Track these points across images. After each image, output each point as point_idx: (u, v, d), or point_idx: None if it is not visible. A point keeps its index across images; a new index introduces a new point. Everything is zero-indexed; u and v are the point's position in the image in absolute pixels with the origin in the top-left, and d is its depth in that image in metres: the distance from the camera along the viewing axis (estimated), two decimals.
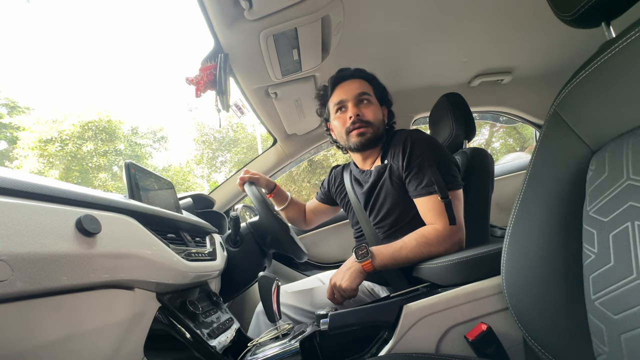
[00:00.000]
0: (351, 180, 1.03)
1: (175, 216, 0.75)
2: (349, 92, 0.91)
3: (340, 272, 0.79)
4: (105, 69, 26.35)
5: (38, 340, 0.35)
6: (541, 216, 0.50)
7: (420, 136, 0.85)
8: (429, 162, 0.80)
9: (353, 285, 0.75)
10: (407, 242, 0.77)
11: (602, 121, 0.42)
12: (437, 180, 0.78)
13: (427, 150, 0.82)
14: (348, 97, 0.91)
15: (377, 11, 0.98)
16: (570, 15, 0.45)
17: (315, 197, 1.27)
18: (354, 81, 0.93)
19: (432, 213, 0.78)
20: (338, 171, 1.15)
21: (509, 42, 1.30)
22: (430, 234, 0.76)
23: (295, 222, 1.28)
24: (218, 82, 0.94)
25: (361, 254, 0.77)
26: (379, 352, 0.62)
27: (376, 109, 0.93)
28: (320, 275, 1.18)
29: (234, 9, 0.81)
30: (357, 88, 0.91)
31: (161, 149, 12.75)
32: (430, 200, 0.78)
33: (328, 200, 1.21)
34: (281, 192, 1.21)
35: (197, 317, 0.67)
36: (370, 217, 0.94)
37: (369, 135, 0.90)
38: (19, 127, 9.63)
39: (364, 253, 0.77)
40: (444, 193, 0.77)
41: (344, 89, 0.92)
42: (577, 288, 0.45)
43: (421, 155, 0.81)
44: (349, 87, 0.92)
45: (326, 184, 1.20)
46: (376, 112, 0.92)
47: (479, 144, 10.44)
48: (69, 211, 0.41)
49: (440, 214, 0.77)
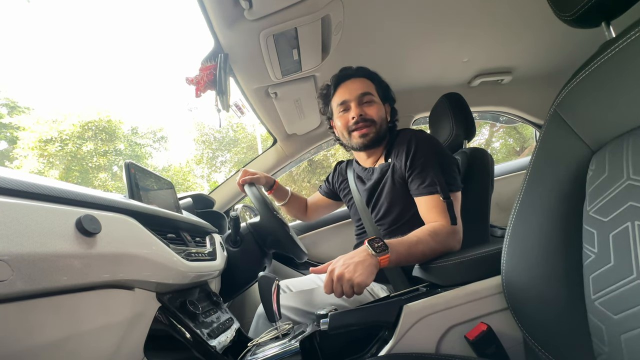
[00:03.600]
0: (354, 177, 1.04)
1: (175, 216, 0.75)
2: (351, 92, 0.91)
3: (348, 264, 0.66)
4: (106, 69, 26.39)
5: (38, 340, 0.35)
6: (541, 216, 0.50)
7: (425, 137, 0.86)
8: (432, 163, 0.81)
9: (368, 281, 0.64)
10: (422, 237, 0.73)
11: (602, 121, 0.42)
12: (439, 181, 0.78)
13: (430, 151, 0.82)
14: (351, 97, 0.91)
15: (377, 11, 0.98)
16: (570, 15, 0.45)
17: (319, 190, 1.28)
18: (356, 80, 0.93)
19: (434, 211, 0.78)
20: (343, 167, 1.16)
21: (509, 42, 1.30)
22: (440, 230, 0.75)
23: (297, 216, 1.30)
24: (218, 82, 0.94)
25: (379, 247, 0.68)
26: (379, 352, 0.62)
27: (379, 108, 0.93)
28: (320, 275, 1.19)
29: (234, 9, 0.81)
30: (359, 88, 0.91)
31: (161, 149, 12.76)
32: (432, 200, 0.79)
33: (331, 194, 1.22)
34: (281, 188, 1.22)
35: (197, 317, 0.67)
36: (372, 213, 0.95)
37: (372, 135, 0.90)
38: (19, 127, 9.63)
39: (381, 246, 0.68)
40: (446, 193, 0.77)
41: (347, 89, 0.93)
42: (577, 288, 0.45)
43: (425, 155, 0.82)
44: (351, 87, 0.92)
45: (331, 179, 1.21)
46: (379, 111, 0.93)
47: (479, 143, 10.43)
48: (69, 211, 0.41)
49: (442, 213, 0.77)
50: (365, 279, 0.64)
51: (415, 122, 1.67)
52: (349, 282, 0.64)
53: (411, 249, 0.71)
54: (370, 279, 0.65)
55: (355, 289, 0.63)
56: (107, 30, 29.14)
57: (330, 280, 0.66)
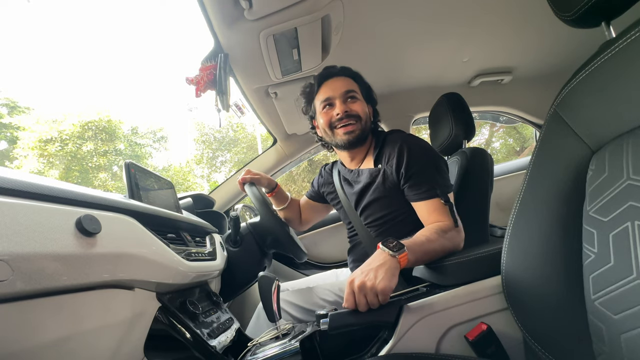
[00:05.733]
0: (340, 180, 1.02)
1: (175, 216, 0.75)
2: (336, 90, 0.91)
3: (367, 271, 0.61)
4: (105, 69, 26.37)
5: (38, 340, 0.35)
6: (541, 216, 0.50)
7: (416, 141, 0.86)
8: (428, 167, 0.81)
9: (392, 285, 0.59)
10: (430, 236, 0.71)
11: (602, 121, 0.42)
12: (438, 185, 0.79)
13: (425, 156, 0.83)
14: (335, 94, 0.90)
15: (377, 11, 0.98)
16: (570, 15, 0.45)
17: (306, 195, 1.24)
18: (340, 79, 0.93)
19: (436, 214, 0.78)
20: (327, 169, 1.14)
21: (509, 42, 1.30)
22: (447, 228, 0.75)
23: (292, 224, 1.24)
24: (218, 82, 0.94)
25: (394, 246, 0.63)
26: (379, 352, 0.62)
27: (363, 105, 0.93)
28: (320, 275, 1.19)
29: (234, 9, 0.81)
30: (344, 85, 0.91)
31: (161, 149, 12.75)
32: (434, 203, 0.79)
33: (318, 198, 1.19)
34: (282, 192, 1.20)
35: (197, 317, 0.67)
36: (361, 216, 0.94)
37: (357, 132, 0.90)
38: (19, 127, 9.63)
39: (397, 245, 0.64)
40: (446, 197, 0.78)
41: (331, 86, 0.92)
42: (577, 288, 0.45)
43: (420, 161, 0.82)
44: (335, 85, 0.92)
45: (316, 183, 1.19)
46: (364, 108, 0.92)
47: (479, 144, 10.43)
48: (69, 211, 0.41)
49: (444, 215, 0.78)
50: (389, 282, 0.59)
51: (415, 122, 1.67)
52: (372, 290, 0.58)
53: (424, 247, 0.68)
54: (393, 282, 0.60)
55: (380, 297, 0.58)
56: (107, 30, 29.18)
57: (351, 292, 0.60)
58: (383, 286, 0.58)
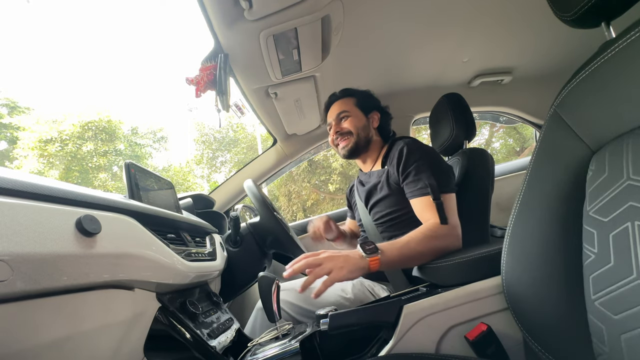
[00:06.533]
0: (357, 183, 1.13)
1: (175, 216, 0.75)
2: (331, 115, 1.08)
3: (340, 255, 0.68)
4: (105, 69, 26.35)
5: (38, 340, 0.35)
6: (541, 216, 0.50)
7: (416, 144, 0.93)
8: (423, 167, 0.87)
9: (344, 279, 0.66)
10: (414, 236, 0.76)
11: (602, 121, 0.42)
12: (430, 183, 0.83)
13: (421, 157, 0.88)
14: (331, 119, 1.08)
15: (377, 11, 0.98)
16: (570, 15, 0.45)
17: (348, 215, 1.29)
18: (337, 103, 1.09)
19: (427, 211, 0.82)
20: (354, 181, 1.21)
21: (509, 42, 1.30)
22: (433, 227, 0.78)
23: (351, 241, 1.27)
24: (218, 82, 0.94)
25: (369, 249, 0.70)
26: (379, 352, 0.62)
27: (354, 119, 1.05)
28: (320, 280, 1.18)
29: (234, 9, 0.81)
30: (338, 109, 1.07)
31: (161, 149, 12.72)
32: (424, 201, 0.83)
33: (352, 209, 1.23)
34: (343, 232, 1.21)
35: (197, 317, 0.67)
36: (370, 213, 1.01)
37: (351, 144, 1.03)
38: (19, 127, 9.62)
39: (372, 248, 0.70)
40: (436, 194, 0.81)
41: (330, 113, 1.10)
42: (577, 288, 0.45)
43: (416, 161, 0.88)
44: (332, 110, 1.09)
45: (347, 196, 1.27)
46: (356, 122, 1.04)
47: (479, 144, 10.42)
48: (69, 211, 0.41)
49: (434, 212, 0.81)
50: (344, 274, 0.65)
51: (415, 122, 1.67)
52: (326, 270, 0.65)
53: (403, 249, 0.73)
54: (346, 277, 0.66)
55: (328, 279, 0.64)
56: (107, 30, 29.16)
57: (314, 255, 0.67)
58: (336, 275, 0.64)
